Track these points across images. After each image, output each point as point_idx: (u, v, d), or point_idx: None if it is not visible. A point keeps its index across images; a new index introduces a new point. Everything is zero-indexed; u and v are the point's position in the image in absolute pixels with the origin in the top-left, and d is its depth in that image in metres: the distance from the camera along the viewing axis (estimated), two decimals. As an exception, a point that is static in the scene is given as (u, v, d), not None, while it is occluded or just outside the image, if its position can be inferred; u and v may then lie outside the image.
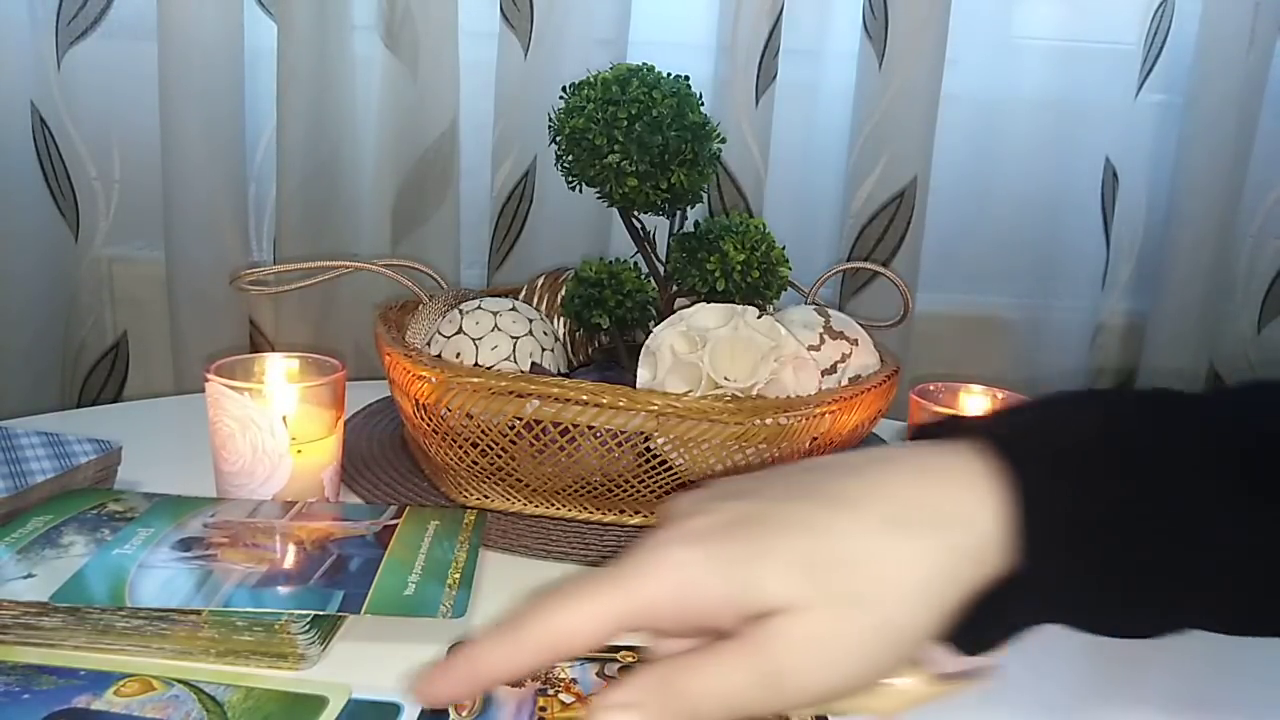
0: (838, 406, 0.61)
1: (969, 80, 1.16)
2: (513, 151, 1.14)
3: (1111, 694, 0.51)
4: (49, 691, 0.43)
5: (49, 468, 0.60)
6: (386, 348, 0.65)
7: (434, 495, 0.67)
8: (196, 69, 1.06)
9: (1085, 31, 1.16)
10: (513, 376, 0.60)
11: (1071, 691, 0.51)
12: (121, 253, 1.18)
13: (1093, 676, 0.52)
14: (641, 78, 0.64)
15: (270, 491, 0.60)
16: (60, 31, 1.10)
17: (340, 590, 0.49)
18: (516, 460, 0.62)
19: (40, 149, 1.10)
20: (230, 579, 0.49)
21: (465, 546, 0.55)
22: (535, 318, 0.69)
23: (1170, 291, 1.19)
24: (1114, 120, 1.16)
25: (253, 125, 1.13)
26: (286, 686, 0.45)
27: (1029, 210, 1.20)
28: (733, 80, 1.11)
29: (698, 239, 0.68)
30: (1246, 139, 1.14)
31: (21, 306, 1.12)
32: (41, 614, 0.47)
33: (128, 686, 0.44)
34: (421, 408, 0.63)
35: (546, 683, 0.47)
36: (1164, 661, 0.53)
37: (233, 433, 0.59)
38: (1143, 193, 1.21)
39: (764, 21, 1.09)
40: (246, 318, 1.17)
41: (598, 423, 0.58)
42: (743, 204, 1.14)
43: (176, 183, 1.09)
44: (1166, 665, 0.53)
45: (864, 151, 1.14)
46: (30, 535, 0.52)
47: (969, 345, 1.24)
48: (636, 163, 0.63)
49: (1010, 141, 1.19)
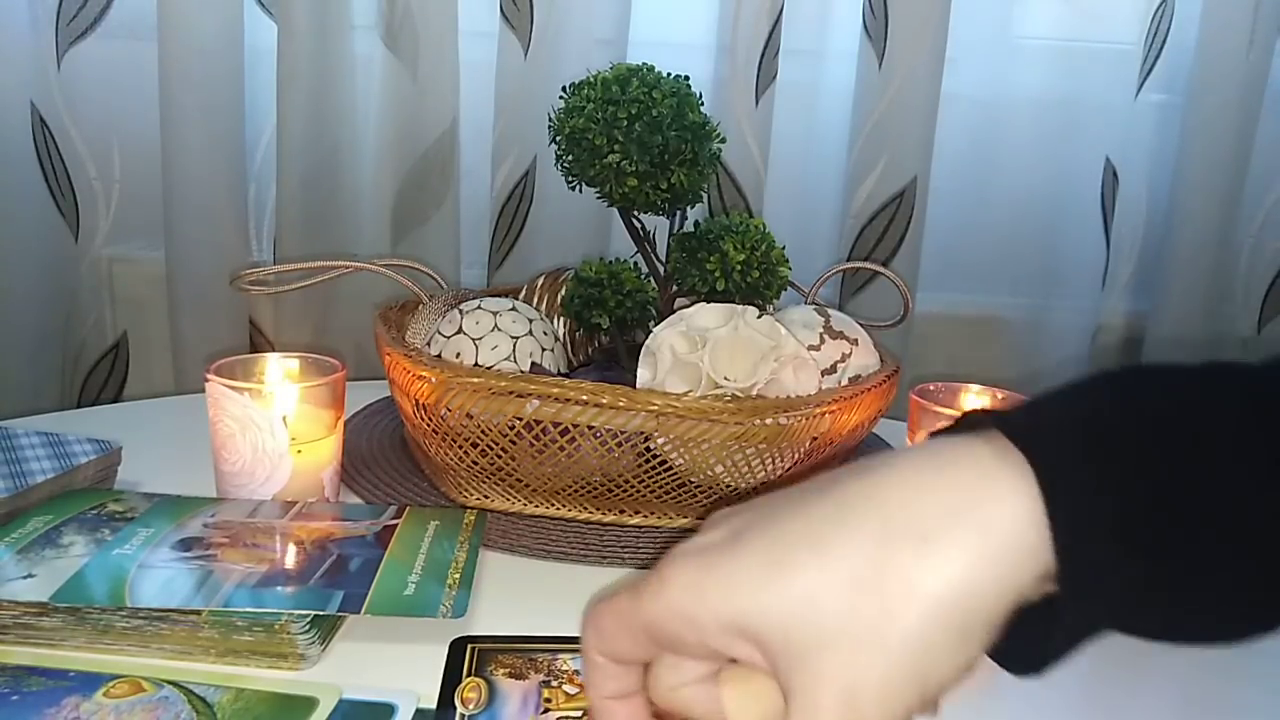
0: (838, 406, 0.61)
1: (969, 80, 1.16)
2: (513, 151, 1.14)
3: (1113, 695, 0.51)
4: (38, 693, 0.43)
5: (49, 468, 0.60)
6: (386, 348, 0.65)
7: (434, 495, 0.67)
8: (196, 69, 1.06)
9: (1085, 31, 1.16)
10: (513, 376, 0.60)
11: (1071, 691, 0.51)
12: (121, 253, 1.19)
13: (1093, 677, 0.52)
14: (641, 78, 0.64)
15: (270, 491, 0.60)
16: (60, 31, 1.10)
17: (340, 590, 0.49)
18: (516, 460, 0.62)
19: (40, 149, 1.10)
20: (230, 579, 0.49)
21: (465, 546, 0.55)
22: (535, 318, 0.69)
23: (1170, 291, 1.19)
24: (1114, 120, 1.16)
25: (253, 125, 1.14)
26: (277, 687, 0.45)
27: (1029, 210, 1.20)
28: (733, 80, 1.11)
29: (698, 239, 0.68)
30: (1246, 139, 1.14)
31: (21, 306, 1.12)
32: (41, 614, 0.47)
33: (117, 688, 0.44)
34: (421, 408, 0.63)
35: (550, 674, 0.47)
36: (1163, 664, 0.53)
37: (233, 433, 0.59)
38: (1143, 193, 1.22)
39: (764, 21, 1.09)
40: (246, 318, 1.17)
41: (598, 423, 0.58)
42: (743, 204, 1.14)
43: (176, 183, 1.09)
44: (1165, 667, 0.53)
45: (864, 151, 1.14)
46: (30, 535, 0.52)
47: (969, 345, 1.24)
48: (636, 163, 0.63)
49: (1010, 141, 1.19)
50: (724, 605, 0.29)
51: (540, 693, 0.46)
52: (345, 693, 0.45)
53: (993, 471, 0.29)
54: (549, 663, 0.48)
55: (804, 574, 0.29)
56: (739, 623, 0.29)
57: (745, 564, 0.30)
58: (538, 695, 0.45)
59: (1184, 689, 0.51)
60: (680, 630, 0.30)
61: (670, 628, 0.30)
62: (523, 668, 0.47)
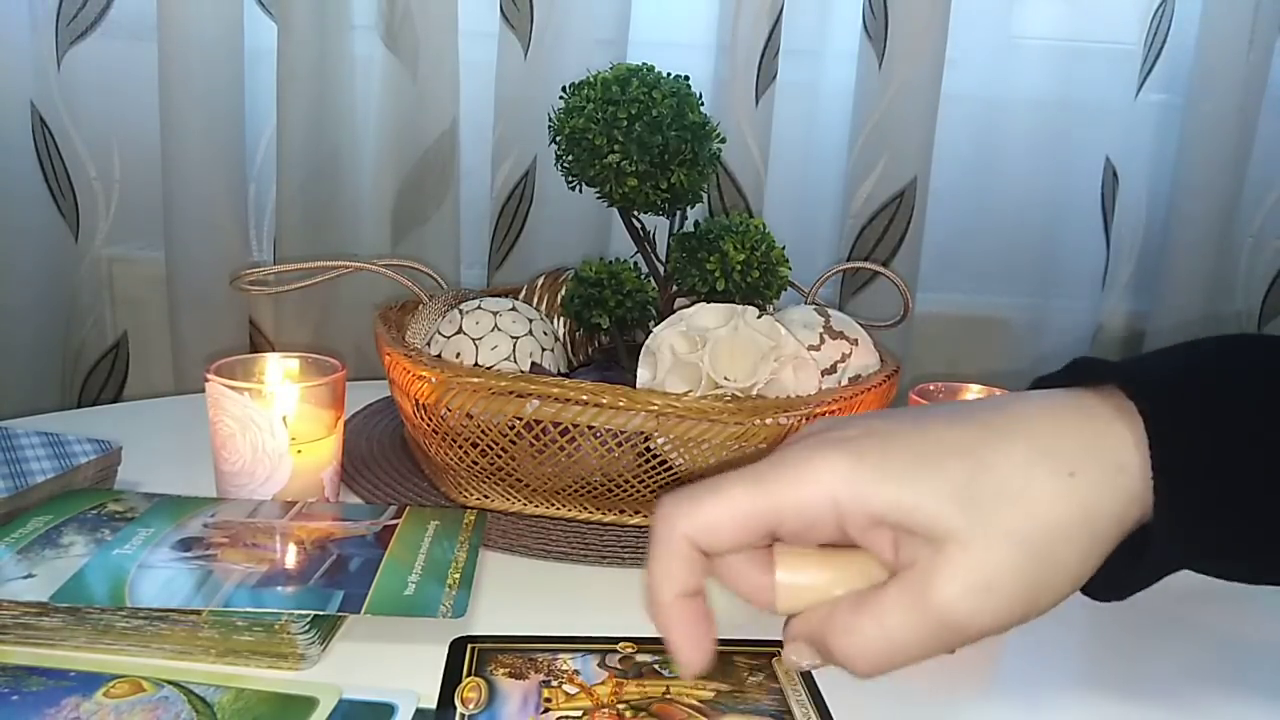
0: (838, 406, 0.61)
1: (969, 80, 1.16)
2: (513, 151, 1.14)
3: (1110, 684, 0.51)
4: (38, 693, 0.43)
5: (49, 468, 0.60)
6: (386, 348, 0.65)
7: (434, 495, 0.67)
8: (196, 69, 1.06)
9: (1085, 31, 1.16)
10: (513, 376, 0.60)
11: (1072, 684, 0.51)
12: (121, 253, 1.18)
13: (1093, 667, 0.52)
14: (641, 78, 0.64)
15: (270, 491, 0.60)
16: (60, 31, 1.10)
17: (340, 590, 0.49)
18: (516, 460, 0.62)
19: (40, 149, 1.10)
20: (230, 579, 0.49)
21: (465, 546, 0.55)
22: (535, 318, 0.69)
23: (1170, 291, 1.19)
24: (1114, 120, 1.16)
25: (253, 125, 1.13)
26: (276, 687, 0.45)
27: (1029, 210, 1.20)
28: (733, 80, 1.11)
29: (698, 239, 0.68)
30: (1246, 139, 1.14)
31: (21, 306, 1.12)
32: (41, 614, 0.47)
33: (117, 688, 0.44)
34: (421, 408, 0.63)
35: (550, 674, 0.47)
36: (1164, 653, 0.53)
37: (233, 433, 0.59)
38: (1143, 193, 1.21)
39: (764, 21, 1.09)
40: (246, 318, 1.17)
41: (598, 423, 0.58)
42: (743, 204, 1.14)
43: (176, 183, 1.09)
44: (1166, 657, 0.53)
45: (864, 151, 1.14)
46: (30, 535, 0.52)
47: (969, 345, 1.24)
48: (636, 163, 0.63)
49: (1010, 141, 1.19)
50: (876, 494, 0.31)
51: (540, 693, 0.46)
52: (345, 693, 0.45)
53: (1115, 420, 0.32)
54: (549, 663, 0.48)
55: (959, 474, 0.31)
56: (889, 511, 0.31)
57: (900, 459, 0.31)
58: (538, 695, 0.45)
59: (1184, 689, 0.51)
60: (821, 515, 0.31)
61: (811, 513, 0.31)
62: (523, 668, 0.47)
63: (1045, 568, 0.30)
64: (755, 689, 0.46)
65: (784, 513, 0.32)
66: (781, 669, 0.48)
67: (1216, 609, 0.59)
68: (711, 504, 0.32)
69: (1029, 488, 0.31)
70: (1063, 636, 0.56)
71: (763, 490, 0.32)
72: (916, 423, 0.33)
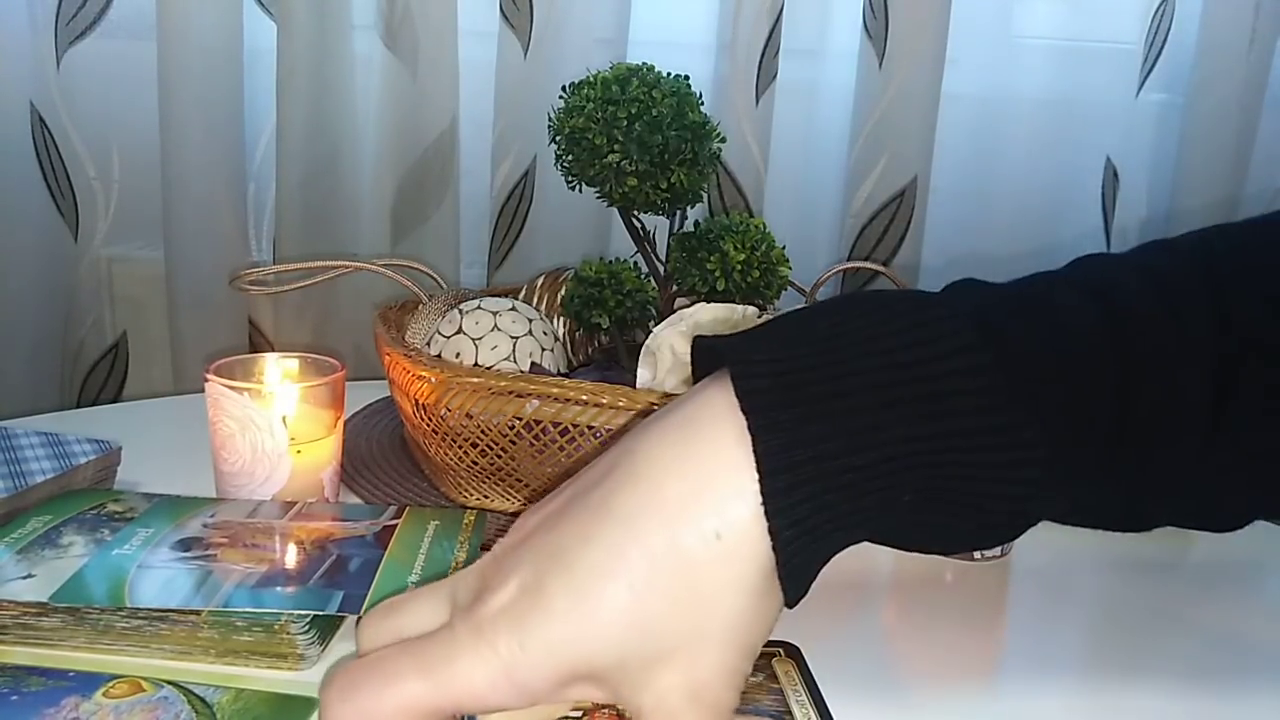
0: (838, 406, 0.61)
1: (969, 80, 1.16)
2: (512, 151, 1.14)
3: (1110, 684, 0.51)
4: (38, 693, 0.43)
5: (49, 468, 0.60)
6: (386, 348, 0.65)
7: (434, 495, 0.67)
8: (196, 69, 1.06)
9: (1086, 31, 1.16)
10: (513, 376, 0.60)
11: (1072, 684, 0.51)
12: (121, 253, 1.18)
13: (1092, 667, 0.52)
14: (641, 77, 0.64)
15: (270, 491, 0.60)
16: (60, 32, 1.09)
17: (340, 590, 0.49)
18: (516, 460, 0.62)
19: (40, 149, 1.10)
20: (230, 579, 0.49)
21: (465, 547, 0.55)
22: (535, 318, 0.69)
23: (1170, 291, 1.19)
24: (1114, 120, 1.16)
25: (252, 125, 1.13)
26: (276, 688, 0.45)
27: (1029, 210, 1.20)
28: (733, 80, 1.11)
29: (698, 239, 0.68)
30: (1247, 139, 1.14)
31: (21, 306, 1.12)
32: (41, 614, 0.47)
33: (117, 688, 0.44)
34: (421, 408, 0.62)
35: None
36: (1164, 653, 0.53)
37: (232, 433, 0.59)
38: (1143, 192, 1.21)
39: (764, 21, 1.09)
40: (246, 318, 1.17)
41: (598, 423, 0.58)
42: (743, 204, 1.14)
43: (176, 183, 1.09)
44: (1166, 657, 0.53)
45: (864, 151, 1.14)
46: (30, 535, 0.52)
47: (969, 345, 1.24)
48: (636, 162, 0.63)
49: (1011, 141, 1.19)
50: (550, 663, 0.29)
51: None
52: (345, 693, 0.45)
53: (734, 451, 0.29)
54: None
55: (617, 605, 0.29)
56: (572, 672, 0.29)
57: (557, 615, 0.29)
58: None
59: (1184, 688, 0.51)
60: (506, 700, 0.29)
61: (494, 700, 0.29)
62: (523, 668, 0.47)
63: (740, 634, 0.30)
64: (755, 689, 0.46)
65: (463, 706, 0.30)
66: (781, 669, 0.48)
67: (1217, 609, 0.59)
68: (382, 708, 0.29)
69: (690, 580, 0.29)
70: (1062, 636, 0.56)
71: (433, 688, 0.29)
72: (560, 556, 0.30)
